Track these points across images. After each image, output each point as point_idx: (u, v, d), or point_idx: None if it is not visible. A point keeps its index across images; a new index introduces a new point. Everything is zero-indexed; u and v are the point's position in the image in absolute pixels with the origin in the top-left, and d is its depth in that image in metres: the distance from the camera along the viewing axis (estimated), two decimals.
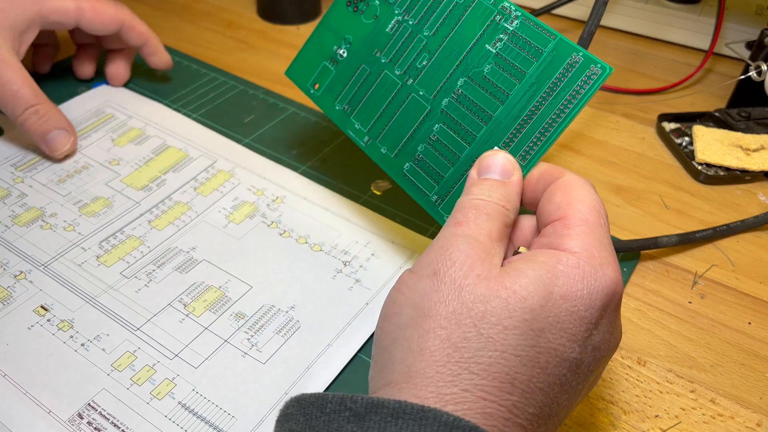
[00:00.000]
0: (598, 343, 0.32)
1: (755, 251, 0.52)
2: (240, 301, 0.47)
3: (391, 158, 0.44)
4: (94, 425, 0.39)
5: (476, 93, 0.41)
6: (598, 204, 0.34)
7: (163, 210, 0.54)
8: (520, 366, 0.30)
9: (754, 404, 0.42)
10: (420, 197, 0.43)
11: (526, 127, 0.38)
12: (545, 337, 0.30)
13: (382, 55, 0.46)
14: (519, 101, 0.39)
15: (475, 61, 0.41)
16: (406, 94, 0.44)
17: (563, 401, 0.32)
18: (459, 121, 0.41)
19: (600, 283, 0.31)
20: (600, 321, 0.32)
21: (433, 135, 0.42)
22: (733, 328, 0.47)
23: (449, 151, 0.41)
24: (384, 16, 0.47)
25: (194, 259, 0.50)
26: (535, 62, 0.39)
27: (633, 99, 0.70)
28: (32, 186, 0.55)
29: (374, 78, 0.46)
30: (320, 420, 0.29)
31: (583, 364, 0.32)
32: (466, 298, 0.31)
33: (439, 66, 0.43)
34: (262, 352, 0.43)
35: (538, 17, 0.77)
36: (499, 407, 0.29)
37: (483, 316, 0.30)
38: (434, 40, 0.43)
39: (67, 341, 0.44)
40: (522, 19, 0.40)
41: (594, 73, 0.37)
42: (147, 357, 0.43)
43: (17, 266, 0.48)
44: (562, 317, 0.31)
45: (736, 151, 0.59)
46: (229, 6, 0.86)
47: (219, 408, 0.40)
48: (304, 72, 0.51)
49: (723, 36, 0.73)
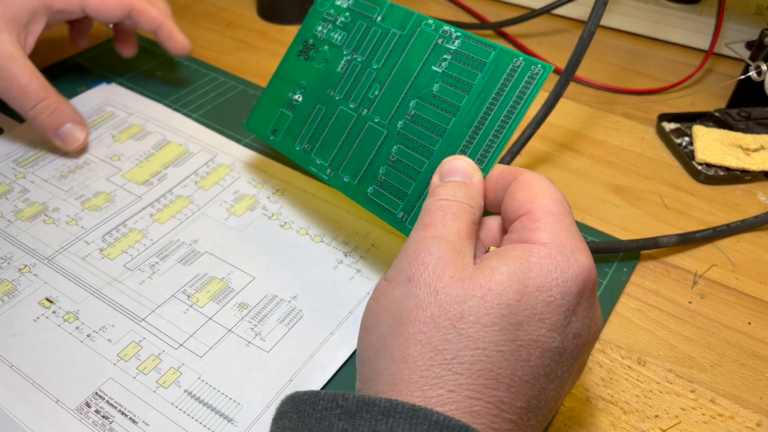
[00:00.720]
0: (578, 330, 0.32)
1: (755, 251, 0.53)
2: (243, 291, 0.47)
3: (354, 185, 0.46)
4: (101, 413, 0.40)
5: (429, 111, 0.43)
6: (559, 195, 0.35)
7: (165, 204, 0.54)
8: (502, 361, 0.30)
9: (754, 404, 0.42)
10: (387, 216, 0.44)
11: (479, 133, 0.40)
12: (525, 329, 0.31)
13: (335, 93, 0.49)
14: (470, 111, 0.41)
15: (424, 82, 0.44)
16: (362, 124, 0.46)
17: (551, 391, 0.32)
18: (416, 139, 0.43)
19: (573, 270, 0.32)
20: (577, 308, 0.32)
21: (392, 156, 0.44)
22: (733, 328, 0.47)
23: (410, 168, 0.43)
24: (334, 59, 0.50)
25: (197, 251, 0.50)
26: (480, 73, 0.42)
27: (633, 99, 0.70)
28: (34, 182, 0.56)
29: (330, 115, 0.48)
30: (312, 417, 0.29)
31: (566, 352, 0.32)
32: (442, 301, 0.31)
33: (391, 93, 0.45)
34: (266, 340, 0.44)
35: (537, 17, 0.78)
36: (486, 404, 0.30)
37: (461, 317, 0.30)
38: (383, 71, 0.46)
39: (72, 332, 0.44)
40: (463, 38, 0.43)
41: (536, 73, 0.40)
42: (152, 347, 0.43)
43: (21, 260, 0.49)
44: (539, 308, 0.31)
45: (736, 151, 0.59)
46: (229, 6, 0.86)
47: (224, 395, 0.41)
48: (262, 122, 0.53)
49: (723, 36, 0.74)
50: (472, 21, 0.83)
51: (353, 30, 0.49)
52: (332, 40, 0.50)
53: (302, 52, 0.52)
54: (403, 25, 0.47)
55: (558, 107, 0.56)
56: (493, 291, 0.31)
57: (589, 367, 0.44)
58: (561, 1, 0.75)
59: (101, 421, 0.39)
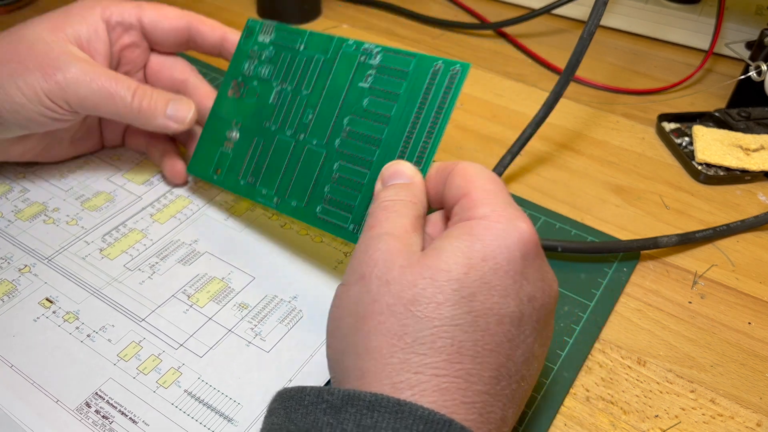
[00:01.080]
0: (532, 293, 0.33)
1: (755, 251, 0.53)
2: (243, 291, 0.47)
3: (303, 208, 0.47)
4: (101, 413, 0.39)
5: (363, 125, 0.45)
6: (493, 175, 0.37)
7: (165, 204, 0.54)
8: (462, 334, 0.31)
9: (754, 404, 0.42)
10: (338, 231, 0.45)
11: (413, 137, 0.42)
12: (478, 300, 0.31)
13: (271, 123, 0.50)
14: (401, 119, 0.43)
15: (354, 99, 0.46)
16: (301, 149, 0.47)
17: (519, 357, 0.32)
18: (354, 153, 0.45)
19: (514, 236, 0.33)
20: (526, 271, 0.33)
21: (335, 174, 0.45)
22: (733, 328, 0.47)
23: (353, 182, 0.44)
24: (264, 92, 0.51)
25: (196, 251, 0.50)
26: (404, 82, 0.44)
27: (633, 99, 0.70)
28: (34, 182, 0.56)
29: (269, 146, 0.49)
30: (298, 412, 0.30)
31: (524, 316, 0.32)
32: (395, 290, 0.32)
33: (324, 115, 0.47)
34: (266, 341, 0.44)
35: (537, 17, 0.78)
36: (454, 379, 0.30)
37: (414, 300, 0.31)
38: (314, 96, 0.48)
39: (73, 332, 0.44)
40: (383, 52, 0.45)
41: (456, 72, 0.42)
42: (152, 347, 0.43)
43: (21, 260, 0.49)
44: (488, 277, 0.32)
45: (736, 151, 0.59)
46: (229, 6, 0.86)
47: (225, 395, 0.41)
48: (204, 164, 0.53)
49: (723, 36, 0.74)
50: (472, 21, 0.83)
51: (279, 62, 0.50)
52: (260, 75, 0.51)
53: (233, 92, 0.52)
54: (325, 49, 0.48)
55: (558, 107, 0.56)
56: (441, 269, 0.32)
57: (589, 367, 0.44)
58: (561, 1, 0.75)
59: (101, 421, 0.39)
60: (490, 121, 0.67)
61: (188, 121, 0.51)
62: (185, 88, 0.55)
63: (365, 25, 0.83)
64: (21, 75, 0.47)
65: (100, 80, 0.48)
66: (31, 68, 0.47)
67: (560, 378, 0.43)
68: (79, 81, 0.47)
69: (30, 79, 0.47)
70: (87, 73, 0.48)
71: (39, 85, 0.47)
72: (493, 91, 0.71)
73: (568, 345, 0.45)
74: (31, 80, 0.47)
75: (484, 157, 0.61)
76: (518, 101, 0.70)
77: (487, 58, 0.77)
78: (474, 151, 0.62)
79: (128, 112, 0.49)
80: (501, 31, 0.81)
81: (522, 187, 0.58)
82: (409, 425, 0.28)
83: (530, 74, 0.74)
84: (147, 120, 0.50)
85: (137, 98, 0.49)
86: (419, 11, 0.84)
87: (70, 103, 0.48)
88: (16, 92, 0.47)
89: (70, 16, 0.50)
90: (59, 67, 0.47)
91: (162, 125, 0.50)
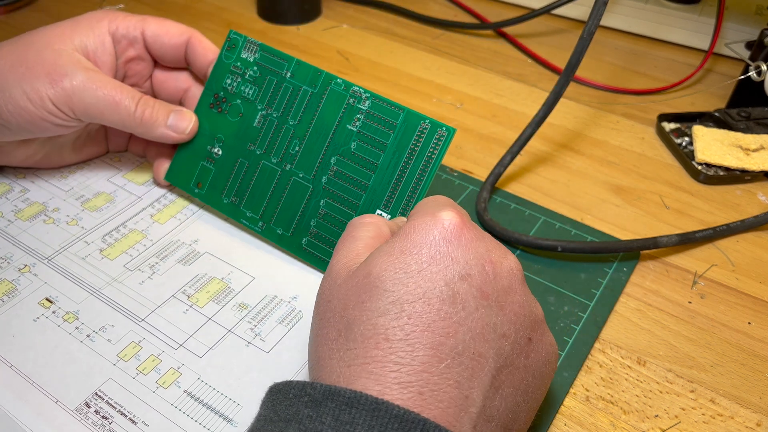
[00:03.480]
0: (464, 271, 0.33)
1: (755, 251, 0.53)
2: (243, 292, 0.47)
3: (288, 237, 0.49)
4: (101, 414, 0.39)
5: (350, 168, 0.47)
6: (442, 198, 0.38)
7: (165, 204, 0.54)
8: (388, 322, 0.32)
9: (753, 404, 0.42)
10: (322, 265, 0.48)
11: (399, 188, 0.45)
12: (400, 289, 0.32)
13: (255, 147, 0.50)
14: (388, 168, 0.46)
15: (341, 140, 0.47)
16: (287, 179, 0.49)
17: (463, 335, 0.32)
18: (341, 193, 0.47)
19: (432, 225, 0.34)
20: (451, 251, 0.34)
21: (321, 210, 0.48)
22: (732, 328, 0.47)
23: (339, 221, 0.47)
24: (248, 113, 0.51)
25: (196, 251, 0.50)
26: (392, 134, 0.46)
27: (633, 99, 0.70)
28: (34, 182, 0.55)
29: (254, 169, 0.50)
30: (283, 405, 0.31)
31: (459, 294, 0.33)
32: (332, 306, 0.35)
33: (311, 149, 0.48)
34: (265, 341, 0.44)
35: (537, 17, 0.78)
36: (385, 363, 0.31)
37: (344, 307, 0.34)
38: (301, 127, 0.49)
39: (72, 332, 0.44)
40: (372, 99, 0.47)
41: (441, 135, 0.44)
42: (152, 347, 0.43)
43: (21, 260, 0.49)
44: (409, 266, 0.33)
45: (736, 151, 0.59)
46: (229, 6, 0.86)
47: (224, 396, 0.41)
48: (184, 174, 0.53)
49: (723, 36, 0.74)
50: (472, 21, 0.83)
51: (264, 85, 0.50)
52: (244, 94, 0.51)
53: (214, 105, 0.52)
54: (313, 83, 0.49)
55: (558, 107, 0.56)
56: (365, 273, 0.34)
57: (589, 367, 0.44)
58: (561, 1, 0.75)
59: (101, 422, 0.39)
60: (490, 121, 0.67)
61: (188, 132, 0.52)
62: (187, 98, 0.56)
63: (365, 25, 0.83)
64: (28, 80, 0.47)
65: (105, 89, 0.48)
66: (38, 74, 0.47)
67: (560, 378, 0.43)
68: (85, 88, 0.48)
69: (37, 84, 0.47)
70: (93, 81, 0.48)
71: (45, 91, 0.47)
72: (493, 91, 0.71)
73: (568, 345, 0.45)
74: (38, 85, 0.47)
75: (483, 157, 0.61)
76: (518, 101, 0.70)
77: (487, 58, 0.77)
78: (474, 151, 0.62)
79: (131, 121, 0.50)
80: (501, 31, 0.81)
81: (522, 187, 0.58)
82: (385, 423, 0.28)
83: (530, 74, 0.74)
84: (148, 129, 0.51)
85: (140, 108, 0.50)
86: (419, 11, 0.84)
87: (75, 111, 0.48)
88: (21, 96, 0.47)
89: (78, 27, 0.51)
90: (66, 74, 0.47)
91: (162, 135, 0.51)
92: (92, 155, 0.58)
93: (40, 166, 0.56)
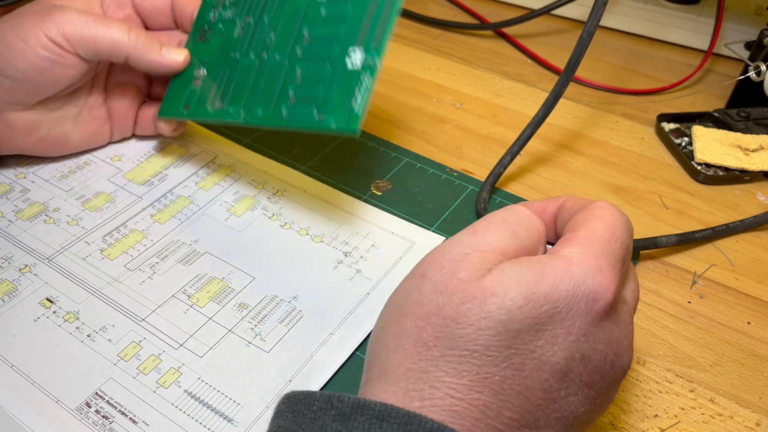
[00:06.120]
0: (588, 353, 0.31)
1: (754, 251, 0.53)
2: (243, 291, 0.47)
3: (270, 114, 0.48)
4: (102, 413, 0.40)
5: (321, 30, 0.48)
6: (617, 222, 0.34)
7: (165, 204, 0.54)
8: (491, 366, 0.29)
9: (753, 404, 0.42)
10: (306, 123, 0.46)
11: (368, 29, 0.45)
12: (521, 338, 0.30)
13: (236, 53, 0.52)
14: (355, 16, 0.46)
15: (312, 13, 0.48)
16: (264, 65, 0.50)
17: (552, 411, 0.30)
18: (315, 53, 0.47)
19: (587, 287, 0.30)
20: (589, 328, 0.31)
21: (297, 77, 0.48)
22: (732, 327, 0.47)
23: (315, 79, 0.47)
24: (228, 30, 0.53)
25: (197, 251, 0.50)
26: None
27: (632, 99, 0.70)
28: (35, 182, 0.55)
29: (235, 71, 0.51)
30: (306, 417, 0.29)
31: (571, 373, 0.30)
32: (442, 301, 0.31)
33: (285, 32, 0.50)
34: (266, 341, 0.44)
35: (537, 17, 0.78)
36: (469, 406, 0.29)
37: (456, 317, 0.30)
38: (275, 20, 0.50)
39: (73, 332, 0.44)
40: None
41: None
42: (152, 347, 0.43)
43: (22, 260, 0.49)
44: (541, 318, 0.30)
45: (736, 151, 0.59)
46: None
47: (225, 396, 0.41)
48: (173, 104, 0.55)
49: (722, 36, 0.74)
50: (471, 21, 0.83)
51: (241, 2, 0.53)
52: (224, 18, 0.53)
53: (199, 39, 0.55)
54: None
55: (558, 107, 0.56)
56: (496, 295, 0.30)
57: None
58: (561, 1, 0.75)
59: (101, 421, 0.39)
60: (490, 121, 0.67)
61: (183, 60, 0.54)
62: None
63: None
64: (20, 25, 0.50)
65: (97, 18, 0.51)
66: (29, 17, 0.50)
67: None
68: (78, 17, 0.50)
69: (28, 23, 0.50)
70: (84, 12, 0.51)
71: (37, 26, 0.49)
72: (492, 91, 0.71)
73: None
74: (29, 23, 0.49)
75: (483, 157, 0.61)
76: (518, 101, 0.70)
77: (487, 59, 0.77)
78: (474, 151, 0.62)
79: (126, 44, 0.51)
80: (501, 32, 0.81)
81: (522, 187, 0.58)
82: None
83: (530, 74, 0.75)
84: (144, 54, 0.52)
85: (134, 33, 0.51)
86: (419, 11, 0.84)
87: (70, 39, 0.50)
88: (15, 40, 0.49)
89: None
90: (57, 9, 0.51)
91: (157, 60, 0.53)
92: (96, 138, 0.58)
93: (44, 149, 0.56)
